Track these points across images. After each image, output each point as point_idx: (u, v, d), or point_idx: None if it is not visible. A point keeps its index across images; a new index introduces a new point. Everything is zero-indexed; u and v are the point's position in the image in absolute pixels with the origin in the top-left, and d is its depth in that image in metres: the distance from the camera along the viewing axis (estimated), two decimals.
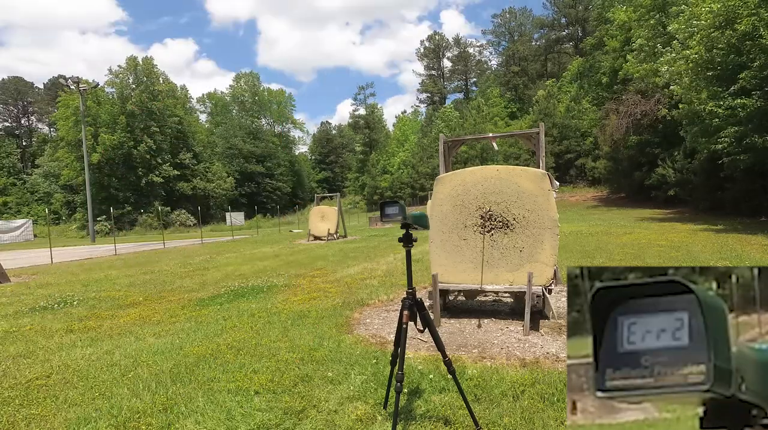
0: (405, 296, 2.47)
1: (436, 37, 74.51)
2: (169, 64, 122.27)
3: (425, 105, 73.92)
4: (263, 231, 34.25)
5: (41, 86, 73.91)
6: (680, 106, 20.05)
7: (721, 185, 20.60)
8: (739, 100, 14.32)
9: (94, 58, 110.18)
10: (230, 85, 71.80)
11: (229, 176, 57.40)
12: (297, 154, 76.58)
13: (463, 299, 5.67)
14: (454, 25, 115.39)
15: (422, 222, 2.45)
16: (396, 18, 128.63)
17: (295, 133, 76.96)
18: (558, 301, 5.53)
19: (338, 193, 24.09)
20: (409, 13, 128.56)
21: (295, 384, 3.33)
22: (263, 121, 71.08)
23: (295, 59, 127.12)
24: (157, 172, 48.31)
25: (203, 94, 71.98)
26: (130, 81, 50.44)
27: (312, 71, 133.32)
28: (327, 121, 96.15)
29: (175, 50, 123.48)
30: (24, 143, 70.03)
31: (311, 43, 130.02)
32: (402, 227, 2.42)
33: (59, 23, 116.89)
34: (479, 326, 4.71)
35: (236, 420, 2.82)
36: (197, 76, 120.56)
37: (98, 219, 42.95)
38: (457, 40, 73.45)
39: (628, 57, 29.66)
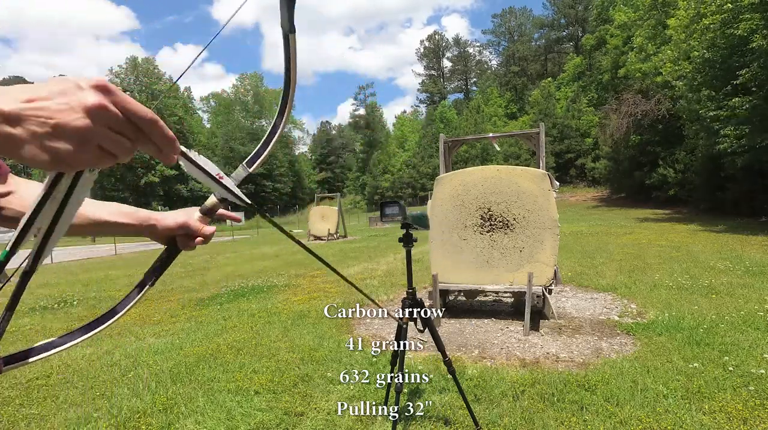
0: (405, 296, 2.47)
1: (436, 36, 74.47)
2: (177, 68, 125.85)
3: (425, 105, 73.91)
4: (263, 231, 34.22)
5: None
6: (681, 102, 20.07)
7: (721, 185, 20.60)
8: (737, 99, 14.31)
9: (106, 61, 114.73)
10: (233, 85, 72.12)
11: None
12: (297, 154, 76.55)
13: (463, 299, 5.66)
14: (455, 32, 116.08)
15: (422, 222, 2.45)
16: (397, 23, 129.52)
17: (296, 134, 77.10)
18: (558, 301, 5.53)
19: (338, 194, 24.09)
20: (410, 19, 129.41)
21: (295, 384, 3.33)
22: (263, 121, 71.12)
23: (297, 62, 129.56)
24: (154, 173, 48.32)
25: (209, 94, 72.43)
26: (131, 81, 50.53)
27: (313, 74, 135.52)
28: (327, 121, 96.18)
29: (184, 55, 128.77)
30: None
31: (313, 48, 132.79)
32: (402, 227, 2.42)
33: (74, 31, 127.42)
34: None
35: (236, 420, 2.82)
36: (206, 79, 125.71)
37: None
38: (457, 40, 73.45)
39: (630, 55, 29.69)
